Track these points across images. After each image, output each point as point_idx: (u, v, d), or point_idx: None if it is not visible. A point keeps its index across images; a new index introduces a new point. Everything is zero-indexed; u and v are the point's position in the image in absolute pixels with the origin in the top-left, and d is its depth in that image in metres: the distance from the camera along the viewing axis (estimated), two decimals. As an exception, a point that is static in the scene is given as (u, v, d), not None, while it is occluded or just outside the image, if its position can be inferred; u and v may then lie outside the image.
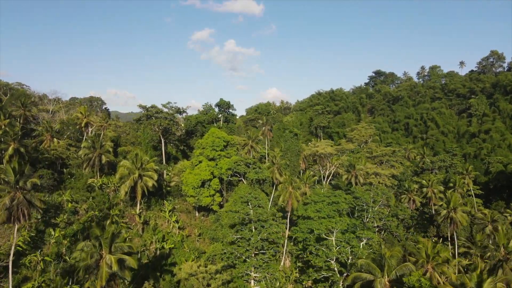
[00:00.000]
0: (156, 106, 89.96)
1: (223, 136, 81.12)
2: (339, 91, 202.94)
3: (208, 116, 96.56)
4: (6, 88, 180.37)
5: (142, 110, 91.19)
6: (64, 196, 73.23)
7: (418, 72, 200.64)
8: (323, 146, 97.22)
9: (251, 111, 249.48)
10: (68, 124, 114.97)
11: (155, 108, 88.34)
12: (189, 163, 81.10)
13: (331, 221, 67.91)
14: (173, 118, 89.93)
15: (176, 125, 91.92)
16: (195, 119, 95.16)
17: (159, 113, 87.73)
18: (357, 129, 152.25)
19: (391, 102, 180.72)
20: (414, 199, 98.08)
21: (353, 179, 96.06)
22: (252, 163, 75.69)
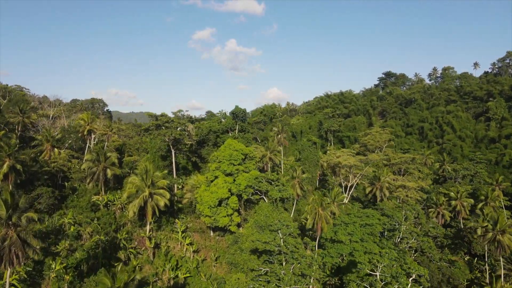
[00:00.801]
0: (167, 115, 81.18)
1: (241, 148, 72.45)
2: (348, 93, 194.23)
3: (223, 125, 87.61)
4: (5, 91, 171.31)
5: (151, 118, 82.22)
6: (65, 218, 64.50)
7: (429, 73, 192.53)
8: (346, 157, 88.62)
9: (256, 113, 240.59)
10: (70, 132, 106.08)
11: (166, 117, 79.52)
12: (204, 178, 72.42)
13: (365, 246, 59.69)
14: (184, 128, 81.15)
15: (188, 135, 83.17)
16: (207, 127, 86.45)
17: (170, 122, 78.88)
18: (371, 133, 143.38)
19: (404, 105, 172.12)
20: (443, 213, 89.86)
21: (377, 192, 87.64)
22: (275, 179, 67.07)
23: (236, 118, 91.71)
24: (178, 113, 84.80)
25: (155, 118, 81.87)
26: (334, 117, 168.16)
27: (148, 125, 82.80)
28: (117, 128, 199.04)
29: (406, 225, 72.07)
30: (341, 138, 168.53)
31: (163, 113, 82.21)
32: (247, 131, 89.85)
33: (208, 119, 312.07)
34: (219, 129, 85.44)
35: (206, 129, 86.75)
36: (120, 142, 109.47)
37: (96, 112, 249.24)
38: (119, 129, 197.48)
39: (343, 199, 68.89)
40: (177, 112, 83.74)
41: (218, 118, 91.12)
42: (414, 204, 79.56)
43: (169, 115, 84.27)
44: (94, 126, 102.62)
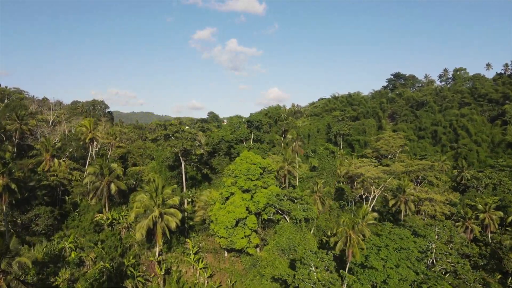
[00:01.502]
0: (176, 124, 73.42)
1: (259, 161, 65.00)
2: (357, 95, 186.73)
3: (237, 135, 79.90)
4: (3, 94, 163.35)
5: (160, 127, 74.58)
6: (66, 242, 57.00)
7: (440, 74, 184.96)
8: (368, 167, 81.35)
9: (261, 115, 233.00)
10: (71, 139, 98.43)
11: (175, 127, 71.85)
12: (218, 194, 64.95)
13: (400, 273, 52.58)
14: (195, 137, 73.60)
15: (199, 145, 75.69)
16: (218, 136, 78.88)
17: (180, 132, 71.21)
18: (383, 138, 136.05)
19: (415, 107, 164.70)
20: (472, 227, 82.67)
21: (402, 206, 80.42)
22: (299, 197, 59.66)
23: (251, 126, 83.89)
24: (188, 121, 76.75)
25: (163, 127, 74.27)
26: (343, 120, 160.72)
27: (156, 135, 75.09)
28: (119, 131, 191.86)
29: (439, 245, 65.00)
30: (350, 142, 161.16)
31: (172, 121, 74.49)
32: (263, 141, 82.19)
33: (211, 121, 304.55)
34: (232, 139, 77.84)
35: (217, 138, 79.20)
36: (124, 150, 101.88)
37: (98, 114, 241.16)
38: (121, 132, 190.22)
39: (373, 218, 61.57)
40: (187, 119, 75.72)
41: (232, 128, 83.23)
42: (444, 220, 72.33)
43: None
44: (97, 134, 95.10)
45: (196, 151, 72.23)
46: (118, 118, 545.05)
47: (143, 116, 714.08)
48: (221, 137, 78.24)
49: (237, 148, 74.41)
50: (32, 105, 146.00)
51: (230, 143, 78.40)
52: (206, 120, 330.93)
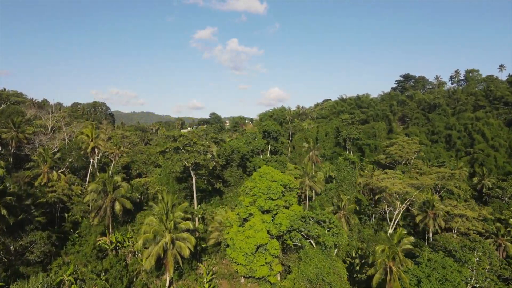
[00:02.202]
0: (187, 136, 65.46)
1: (280, 178, 57.44)
2: (365, 97, 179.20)
3: (253, 147, 71.94)
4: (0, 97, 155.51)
5: (170, 138, 66.73)
6: (65, 275, 49.39)
7: (451, 76, 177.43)
8: (392, 180, 73.90)
9: (265, 117, 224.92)
10: (71, 148, 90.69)
11: (186, 139, 63.92)
12: (235, 215, 57.36)
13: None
14: (208, 150, 65.81)
15: (213, 158, 67.90)
16: (231, 147, 71.22)
17: (192, 145, 63.35)
18: (397, 143, 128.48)
19: (427, 110, 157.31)
20: (506, 245, 75.30)
21: (430, 222, 73.02)
22: (327, 220, 52.13)
23: (268, 136, 76.11)
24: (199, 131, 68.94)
25: (172, 139, 66.33)
26: (353, 123, 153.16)
27: (165, 147, 67.17)
28: (120, 135, 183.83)
29: (481, 271, 57.73)
30: (360, 146, 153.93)
31: (183, 132, 66.81)
32: (280, 152, 74.53)
33: (213, 122, 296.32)
34: (248, 152, 70.15)
35: (230, 149, 71.59)
36: (127, 159, 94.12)
37: (99, 116, 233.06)
38: (123, 135, 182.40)
39: (409, 243, 54.11)
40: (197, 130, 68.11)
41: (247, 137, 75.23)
42: (482, 240, 64.96)
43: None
44: (99, 143, 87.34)
45: (209, 165, 64.52)
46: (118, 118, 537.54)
47: (143, 116, 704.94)
48: (234, 147, 70.50)
49: (253, 161, 66.83)
50: (30, 109, 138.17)
51: (245, 155, 70.71)
52: (208, 121, 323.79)
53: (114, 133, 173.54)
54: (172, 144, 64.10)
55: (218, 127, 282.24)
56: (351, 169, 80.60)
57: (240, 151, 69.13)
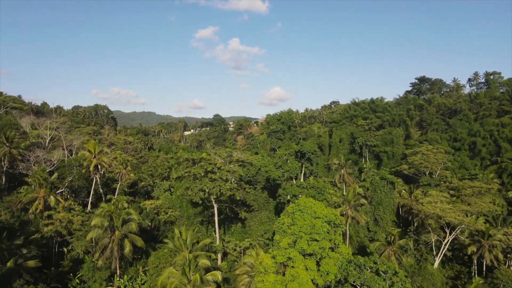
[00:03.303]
0: (209, 160, 53.67)
1: (324, 213, 46.46)
2: (380, 101, 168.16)
3: (285, 170, 60.18)
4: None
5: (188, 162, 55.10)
6: None
7: (469, 78, 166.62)
8: (440, 205, 62.98)
9: (273, 120, 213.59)
10: (71, 165, 79.38)
11: (210, 164, 52.07)
12: (270, 259, 46.27)
13: None
14: (233, 175, 54.20)
15: (239, 186, 56.42)
16: (256, 169, 59.84)
17: (216, 171, 51.82)
18: (421, 152, 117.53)
19: (447, 116, 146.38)
20: None
21: (486, 254, 62.17)
22: (390, 271, 41.18)
23: (302, 157, 64.68)
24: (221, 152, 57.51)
25: (192, 162, 54.70)
26: (370, 130, 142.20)
27: (183, 171, 55.57)
28: (124, 141, 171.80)
29: None
30: (377, 154, 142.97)
31: (204, 153, 55.34)
32: (315, 175, 63.14)
33: (217, 124, 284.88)
34: (279, 177, 58.76)
35: (255, 170, 60.39)
36: (134, 177, 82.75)
37: (100, 120, 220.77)
38: (126, 141, 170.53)
39: None
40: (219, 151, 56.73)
41: (278, 159, 63.81)
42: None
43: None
44: (102, 159, 76.05)
45: (236, 196, 53.24)
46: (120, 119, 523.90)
47: (144, 116, 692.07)
48: (266, 171, 58.93)
49: (287, 188, 55.75)
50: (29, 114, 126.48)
51: (276, 180, 59.47)
52: (211, 122, 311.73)
53: (117, 139, 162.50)
54: (192, 170, 52.63)
55: (222, 129, 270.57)
56: (389, 190, 69.61)
57: (270, 175, 57.87)
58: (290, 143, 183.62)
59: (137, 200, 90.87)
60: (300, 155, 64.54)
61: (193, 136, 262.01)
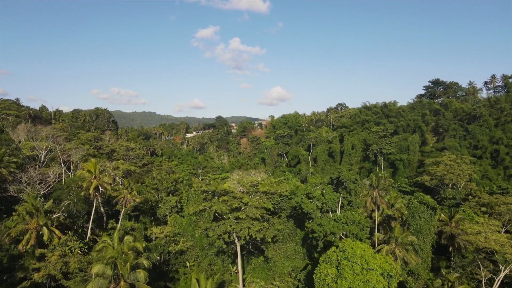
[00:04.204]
0: (234, 193, 43.24)
1: (377, 263, 36.96)
2: (393, 105, 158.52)
3: (322, 202, 49.88)
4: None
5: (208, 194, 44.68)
6: None
7: (486, 81, 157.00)
8: (493, 236, 53.69)
9: (279, 124, 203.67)
10: (69, 186, 69.51)
11: (234, 197, 41.72)
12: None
13: None
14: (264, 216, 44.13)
15: (268, 222, 46.31)
16: (281, 197, 49.97)
17: (245, 208, 41.43)
18: (443, 163, 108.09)
19: (465, 121, 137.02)
20: None
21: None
22: None
23: (339, 186, 54.56)
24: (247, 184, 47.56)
25: (212, 194, 44.50)
26: (386, 137, 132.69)
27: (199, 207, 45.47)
28: (125, 147, 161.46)
29: None
30: (392, 162, 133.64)
31: (226, 185, 45.36)
32: (353, 205, 53.49)
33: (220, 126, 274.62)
34: (313, 209, 48.96)
35: (279, 198, 50.55)
36: (140, 199, 72.92)
37: (101, 124, 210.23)
38: (127, 148, 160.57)
39: None
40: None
41: (310, 187, 54.23)
42: None
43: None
44: (104, 180, 66.28)
45: (267, 237, 43.32)
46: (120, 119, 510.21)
47: (145, 116, 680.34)
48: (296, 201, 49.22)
49: (325, 224, 46.01)
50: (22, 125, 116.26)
51: (310, 214, 49.77)
52: (214, 124, 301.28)
53: (118, 146, 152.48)
54: (214, 207, 42.43)
55: (224, 131, 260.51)
56: (429, 216, 60.10)
57: (303, 208, 48.13)
58: (298, 148, 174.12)
59: (141, 219, 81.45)
60: (336, 182, 54.92)
61: (195, 139, 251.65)
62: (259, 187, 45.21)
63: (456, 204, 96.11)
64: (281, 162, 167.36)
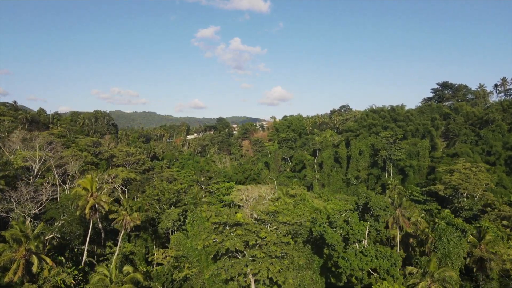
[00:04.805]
0: (248, 224, 36.46)
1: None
2: (401, 108, 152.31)
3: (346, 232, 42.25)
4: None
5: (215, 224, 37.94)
6: None
7: (496, 84, 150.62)
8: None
9: (282, 127, 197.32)
10: (64, 205, 63.23)
11: (248, 230, 34.80)
12: None
13: None
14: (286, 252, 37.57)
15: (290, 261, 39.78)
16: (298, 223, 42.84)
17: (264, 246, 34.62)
18: (458, 171, 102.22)
19: (477, 126, 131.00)
20: None
21: None
22: None
23: (366, 212, 47.51)
24: (186, 125, 41.37)
25: (224, 225, 37.72)
26: (395, 142, 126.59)
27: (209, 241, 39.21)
28: (125, 152, 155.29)
29: None
30: (402, 168, 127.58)
31: (239, 214, 38.44)
32: (381, 234, 46.80)
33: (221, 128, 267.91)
34: (337, 242, 41.78)
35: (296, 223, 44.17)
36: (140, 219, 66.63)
37: (101, 127, 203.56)
38: (127, 153, 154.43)
39: None
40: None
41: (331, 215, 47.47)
42: None
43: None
44: (101, 198, 60.07)
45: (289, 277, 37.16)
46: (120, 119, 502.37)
47: (145, 116, 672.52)
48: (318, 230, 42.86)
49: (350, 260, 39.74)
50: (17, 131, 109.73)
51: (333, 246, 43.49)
52: (215, 126, 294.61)
53: (118, 151, 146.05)
54: (226, 244, 35.84)
55: (226, 133, 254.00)
56: (459, 238, 54.03)
57: (327, 240, 41.62)
58: (302, 152, 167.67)
59: (142, 235, 75.23)
60: (362, 207, 48.65)
61: (196, 141, 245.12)
62: (279, 217, 38.90)
63: (473, 216, 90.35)
64: (285, 167, 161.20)
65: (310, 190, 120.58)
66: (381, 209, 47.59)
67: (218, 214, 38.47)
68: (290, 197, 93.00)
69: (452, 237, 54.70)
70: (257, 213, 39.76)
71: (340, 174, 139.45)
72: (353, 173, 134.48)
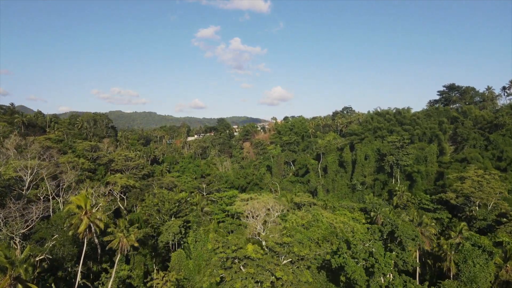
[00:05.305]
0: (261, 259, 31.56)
1: None
2: (407, 111, 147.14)
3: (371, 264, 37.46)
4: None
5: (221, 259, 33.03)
6: None
7: (504, 86, 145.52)
8: None
9: (284, 129, 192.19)
10: (55, 224, 58.12)
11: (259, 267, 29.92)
12: None
13: None
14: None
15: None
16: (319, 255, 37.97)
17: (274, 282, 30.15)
18: (470, 178, 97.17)
19: (487, 130, 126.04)
20: None
21: None
22: None
23: (391, 241, 42.19)
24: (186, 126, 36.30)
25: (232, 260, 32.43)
26: (402, 147, 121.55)
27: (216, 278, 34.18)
28: (124, 157, 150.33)
29: None
30: (409, 173, 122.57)
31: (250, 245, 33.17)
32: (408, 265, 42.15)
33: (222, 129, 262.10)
34: (361, 276, 37.05)
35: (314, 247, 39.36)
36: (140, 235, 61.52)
37: (99, 130, 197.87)
38: (126, 158, 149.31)
39: None
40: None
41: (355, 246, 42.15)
42: None
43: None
44: (96, 217, 54.99)
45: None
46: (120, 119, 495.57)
47: (145, 116, 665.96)
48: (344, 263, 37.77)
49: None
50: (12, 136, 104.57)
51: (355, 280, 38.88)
52: (215, 127, 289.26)
53: (117, 155, 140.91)
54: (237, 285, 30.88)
55: (227, 135, 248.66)
56: (486, 261, 49.08)
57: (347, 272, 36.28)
58: (306, 156, 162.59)
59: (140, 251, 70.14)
60: (388, 234, 43.40)
61: (197, 143, 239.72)
62: (294, 249, 33.85)
63: (487, 226, 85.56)
64: (288, 171, 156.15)
65: (315, 197, 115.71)
66: (410, 239, 42.45)
67: (226, 245, 33.42)
68: (297, 208, 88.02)
69: (478, 260, 49.72)
70: (269, 244, 34.73)
71: (345, 179, 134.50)
72: (359, 179, 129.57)
